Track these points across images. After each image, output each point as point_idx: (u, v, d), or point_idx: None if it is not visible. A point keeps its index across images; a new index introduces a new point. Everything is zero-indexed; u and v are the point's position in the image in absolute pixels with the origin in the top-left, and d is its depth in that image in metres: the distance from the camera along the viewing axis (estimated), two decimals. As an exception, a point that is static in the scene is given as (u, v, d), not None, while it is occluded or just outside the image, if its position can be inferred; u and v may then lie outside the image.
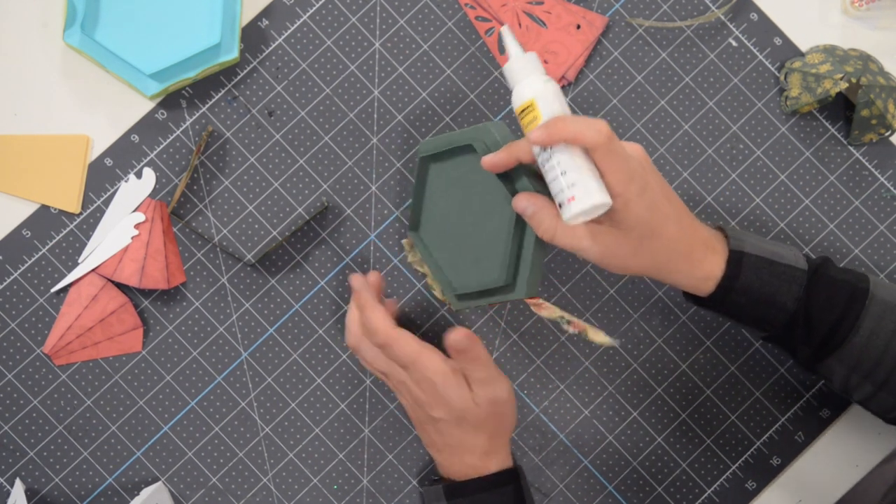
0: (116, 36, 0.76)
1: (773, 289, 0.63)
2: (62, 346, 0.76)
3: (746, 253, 0.64)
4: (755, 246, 0.64)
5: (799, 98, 0.77)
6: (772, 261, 0.64)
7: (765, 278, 0.63)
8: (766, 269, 0.63)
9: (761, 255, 0.64)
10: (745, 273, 0.63)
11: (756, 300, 0.64)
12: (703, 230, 0.64)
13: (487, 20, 0.79)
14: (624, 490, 0.78)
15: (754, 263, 0.63)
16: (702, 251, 0.63)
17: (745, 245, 0.64)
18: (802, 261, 0.65)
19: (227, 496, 0.77)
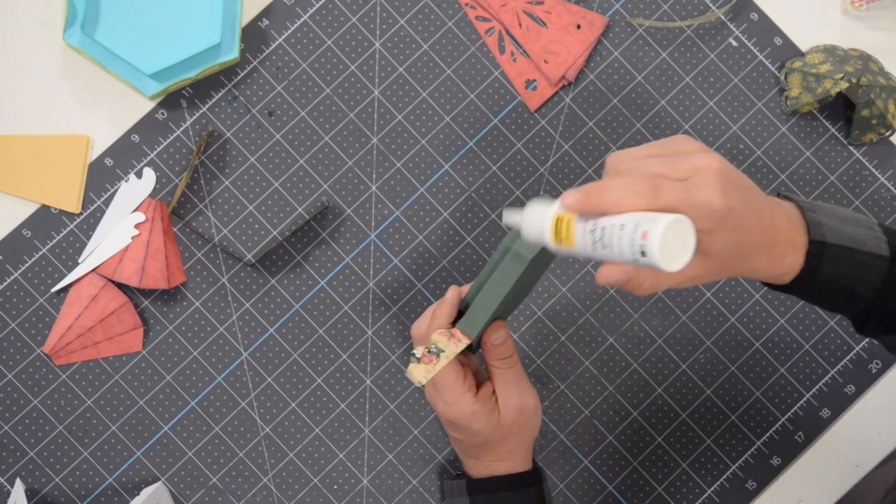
0: (116, 36, 0.76)
1: (851, 280, 0.59)
2: (62, 346, 0.76)
3: (828, 244, 0.58)
4: (836, 231, 0.58)
5: (799, 98, 0.77)
6: (853, 249, 0.58)
7: (845, 269, 0.58)
8: (846, 260, 0.58)
9: (843, 243, 0.58)
10: (825, 267, 0.58)
11: (834, 290, 0.60)
12: (782, 220, 0.57)
13: (487, 20, 0.79)
14: (624, 490, 0.78)
15: (835, 255, 0.58)
16: (783, 246, 0.57)
17: (825, 232, 0.58)
18: (884, 245, 0.59)
19: (227, 496, 0.77)
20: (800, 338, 0.79)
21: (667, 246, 0.49)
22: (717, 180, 0.52)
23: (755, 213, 0.54)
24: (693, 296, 0.79)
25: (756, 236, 0.55)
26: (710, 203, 0.51)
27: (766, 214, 0.56)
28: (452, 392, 0.63)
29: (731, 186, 0.52)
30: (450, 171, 0.79)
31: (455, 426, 0.65)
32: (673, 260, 0.50)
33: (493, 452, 0.67)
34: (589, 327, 0.78)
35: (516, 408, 0.65)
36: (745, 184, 0.54)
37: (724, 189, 0.51)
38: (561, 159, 0.79)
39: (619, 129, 0.79)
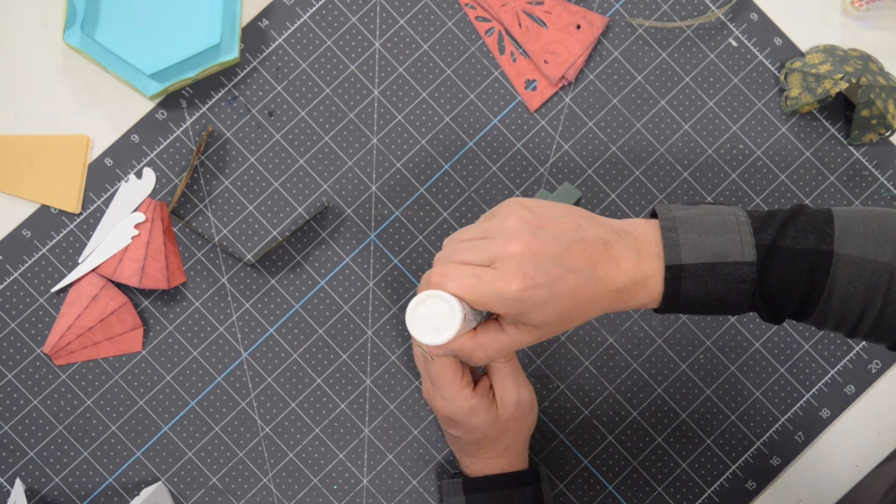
0: (116, 36, 0.76)
1: (720, 293, 0.57)
2: (62, 346, 0.76)
3: (684, 265, 0.56)
4: (695, 247, 0.57)
5: (799, 98, 0.77)
6: (714, 264, 0.56)
7: (710, 286, 0.57)
8: (708, 276, 0.56)
9: (702, 260, 0.56)
10: (686, 288, 0.57)
11: (707, 305, 0.58)
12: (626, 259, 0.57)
13: (487, 20, 0.79)
14: (624, 490, 0.78)
15: (695, 273, 0.56)
16: (631, 285, 0.57)
17: (681, 252, 0.57)
18: (750, 249, 0.57)
19: (227, 496, 0.77)
20: (799, 338, 0.79)
21: (420, 322, 0.55)
22: (512, 266, 0.54)
23: (576, 276, 0.55)
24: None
25: (584, 294, 0.56)
26: (502, 291, 0.54)
27: (596, 268, 0.56)
28: (451, 387, 0.64)
29: (533, 266, 0.54)
30: (450, 171, 0.79)
31: (453, 422, 0.65)
32: (427, 335, 0.55)
33: (490, 449, 0.67)
34: (589, 327, 0.78)
35: (513, 402, 0.66)
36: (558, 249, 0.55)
37: (524, 273, 0.54)
38: (561, 159, 0.79)
39: (619, 129, 0.79)
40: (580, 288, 0.55)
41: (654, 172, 0.79)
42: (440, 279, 0.55)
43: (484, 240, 0.56)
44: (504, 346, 0.58)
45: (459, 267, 0.55)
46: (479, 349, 0.58)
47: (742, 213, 0.58)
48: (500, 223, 0.56)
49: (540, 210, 0.57)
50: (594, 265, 0.56)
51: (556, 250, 0.55)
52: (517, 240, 0.54)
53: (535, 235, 0.55)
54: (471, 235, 0.57)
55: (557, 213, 0.57)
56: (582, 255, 0.55)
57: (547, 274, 0.54)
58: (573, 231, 0.56)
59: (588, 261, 0.56)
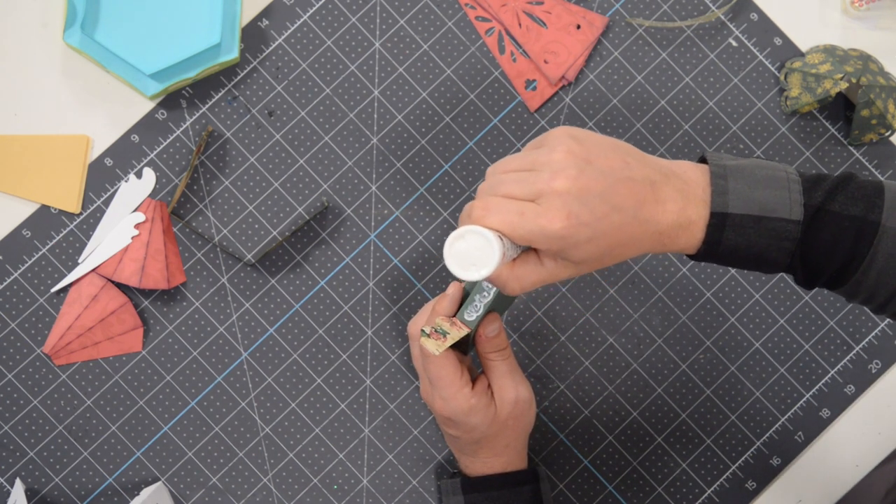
0: (116, 36, 0.76)
1: (761, 248, 0.56)
2: (62, 346, 0.76)
3: (730, 214, 0.55)
4: (741, 197, 0.55)
5: (799, 98, 0.77)
6: (759, 217, 0.55)
7: (752, 239, 0.55)
8: (752, 229, 0.55)
9: (748, 211, 0.55)
10: (728, 238, 0.55)
11: (744, 259, 0.57)
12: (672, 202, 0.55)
13: (487, 20, 0.79)
14: (624, 490, 0.78)
15: (739, 224, 0.55)
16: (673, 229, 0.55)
17: (728, 200, 0.55)
18: (798, 208, 0.56)
19: (227, 496, 0.77)
20: (800, 338, 0.79)
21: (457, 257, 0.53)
22: (557, 203, 0.52)
23: (620, 214, 0.54)
24: (693, 296, 0.79)
25: (627, 233, 0.54)
26: (546, 228, 0.52)
27: (642, 208, 0.54)
28: (450, 387, 0.64)
29: (578, 203, 0.52)
30: (450, 171, 0.79)
31: (452, 422, 0.65)
32: (465, 270, 0.53)
33: (490, 448, 0.67)
34: (589, 327, 0.78)
35: (512, 400, 0.66)
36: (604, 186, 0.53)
37: (568, 210, 0.52)
38: (561, 159, 0.79)
39: (619, 129, 0.79)
40: (624, 227, 0.54)
41: (654, 172, 0.79)
42: (482, 213, 0.53)
43: (529, 172, 0.54)
44: (541, 280, 0.56)
45: (502, 201, 0.53)
46: (515, 280, 0.56)
47: (793, 172, 0.57)
48: (547, 155, 0.54)
49: (588, 142, 0.54)
50: (640, 205, 0.54)
51: (602, 187, 0.53)
52: (563, 175, 0.52)
53: (582, 171, 0.53)
54: (515, 166, 0.55)
55: (606, 147, 0.55)
56: (628, 193, 0.54)
57: (592, 212, 0.52)
58: (621, 168, 0.54)
59: (634, 200, 0.54)
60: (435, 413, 0.67)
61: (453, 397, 0.64)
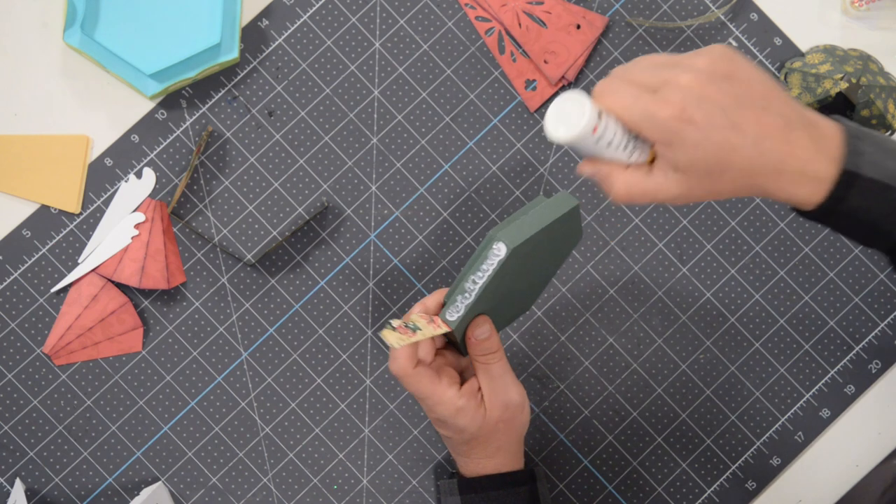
0: (116, 36, 0.76)
1: (878, 216, 0.55)
2: (62, 346, 0.76)
3: (861, 176, 0.54)
4: (875, 163, 0.55)
5: (799, 98, 0.77)
6: (887, 185, 0.55)
7: (873, 205, 0.55)
8: (879, 195, 0.55)
9: (877, 177, 0.55)
10: (852, 197, 0.55)
11: (859, 224, 0.56)
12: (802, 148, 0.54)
13: (487, 20, 0.79)
14: (624, 490, 0.78)
15: (866, 188, 0.55)
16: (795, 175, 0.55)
17: (861, 162, 0.55)
18: None
19: (227, 496, 0.77)
20: (800, 338, 0.79)
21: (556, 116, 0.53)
22: (674, 96, 0.52)
23: (738, 135, 0.53)
24: (693, 296, 0.79)
25: (742, 156, 0.53)
26: (654, 114, 0.52)
27: (766, 139, 0.54)
28: (433, 395, 0.63)
29: (696, 103, 0.52)
30: (450, 171, 0.79)
31: (442, 423, 0.65)
32: (554, 127, 0.53)
33: (482, 449, 0.67)
34: (589, 327, 0.78)
35: (502, 404, 0.65)
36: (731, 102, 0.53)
37: (683, 105, 0.52)
38: (561, 159, 0.79)
39: (619, 129, 0.79)
40: (739, 149, 0.53)
41: (654, 172, 0.79)
42: (601, 91, 0.54)
43: (663, 66, 0.54)
44: (646, 189, 0.55)
45: (623, 85, 0.54)
46: (623, 183, 0.56)
47: None
48: (692, 58, 0.54)
49: (739, 64, 0.54)
50: (764, 136, 0.53)
51: (728, 102, 0.53)
52: (692, 75, 0.52)
53: (714, 81, 0.53)
54: (657, 61, 0.55)
55: (755, 76, 0.54)
56: (755, 120, 0.53)
57: (707, 117, 0.52)
58: (759, 98, 0.54)
59: (759, 128, 0.53)
60: (427, 414, 0.67)
61: (439, 402, 0.64)
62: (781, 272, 0.79)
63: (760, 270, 0.79)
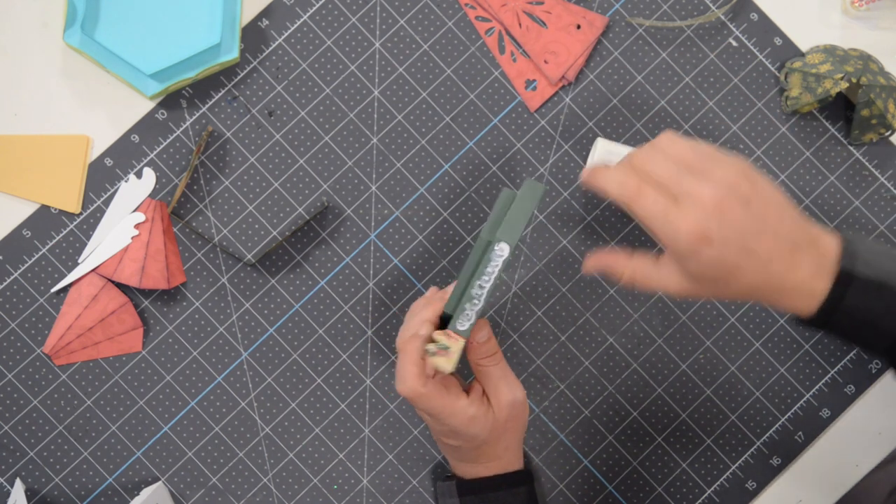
0: (116, 36, 0.76)
1: (877, 314, 0.58)
2: (62, 346, 0.76)
3: (856, 276, 0.58)
4: (869, 264, 0.58)
5: (799, 98, 0.77)
6: (882, 284, 0.58)
7: (871, 304, 0.58)
8: (874, 294, 0.58)
9: (873, 276, 0.58)
10: (849, 298, 0.58)
11: (859, 324, 0.59)
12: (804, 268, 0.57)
13: (487, 20, 0.79)
14: (624, 490, 0.78)
15: (862, 288, 0.57)
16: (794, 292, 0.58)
17: (856, 264, 0.58)
18: None
19: (227, 496, 0.77)
20: (800, 338, 0.79)
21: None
22: (697, 213, 0.55)
23: (750, 259, 0.56)
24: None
25: (751, 277, 0.57)
26: (675, 227, 0.55)
27: (774, 263, 0.57)
28: (445, 409, 0.63)
29: (716, 224, 0.55)
30: (450, 171, 0.79)
31: (454, 434, 0.65)
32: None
33: (491, 453, 0.67)
34: (589, 327, 0.78)
35: (509, 403, 0.65)
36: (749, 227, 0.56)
37: (705, 224, 0.54)
38: (561, 159, 0.79)
39: (619, 129, 0.79)
40: (750, 272, 0.56)
41: (654, 172, 0.79)
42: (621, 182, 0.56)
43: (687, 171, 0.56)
44: (650, 282, 0.59)
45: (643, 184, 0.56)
46: (629, 267, 0.59)
47: None
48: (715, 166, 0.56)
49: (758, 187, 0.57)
50: (773, 259, 0.56)
51: (746, 227, 0.55)
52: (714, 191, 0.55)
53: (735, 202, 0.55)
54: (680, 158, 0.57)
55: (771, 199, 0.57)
56: (767, 245, 0.56)
57: (724, 239, 0.55)
58: (773, 221, 0.56)
59: (769, 253, 0.56)
60: (434, 429, 0.66)
61: (451, 414, 0.63)
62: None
63: (760, 270, 0.79)
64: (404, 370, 0.62)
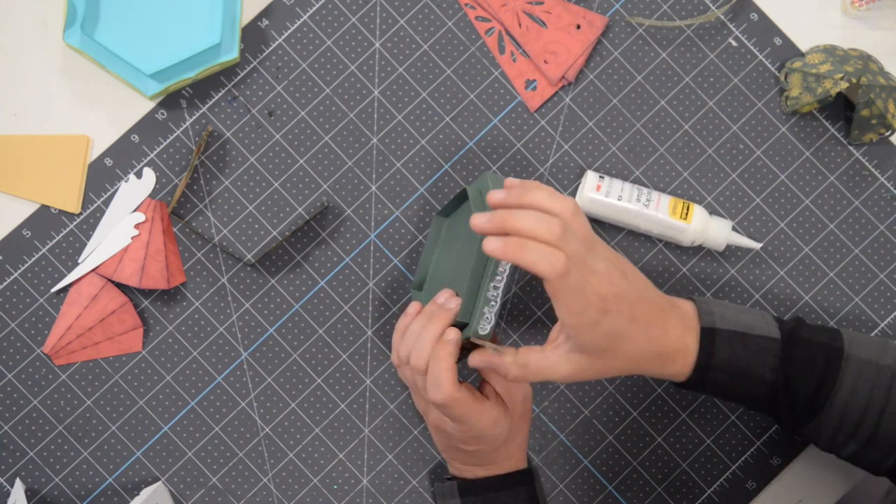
0: (116, 36, 0.76)
1: (748, 362, 0.63)
2: (62, 346, 0.76)
3: (718, 329, 0.63)
4: (726, 319, 0.64)
5: (799, 98, 0.77)
6: (744, 333, 0.63)
7: (739, 352, 0.63)
8: (739, 343, 0.63)
9: (734, 328, 0.63)
10: (718, 349, 0.62)
11: (734, 374, 0.63)
12: (675, 327, 0.62)
13: (487, 20, 0.79)
14: (624, 490, 0.78)
15: (727, 339, 0.63)
16: (673, 352, 0.62)
17: (715, 320, 0.63)
18: (775, 328, 0.65)
19: (227, 496, 0.77)
20: (800, 338, 0.79)
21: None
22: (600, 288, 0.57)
23: (635, 327, 0.59)
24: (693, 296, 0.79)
25: (635, 345, 0.60)
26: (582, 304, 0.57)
27: (651, 328, 0.60)
28: (473, 414, 0.63)
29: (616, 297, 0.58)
30: (450, 171, 0.79)
31: (477, 439, 0.65)
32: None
33: (505, 452, 0.67)
34: (589, 327, 0.78)
35: (522, 398, 0.67)
36: (634, 298, 0.59)
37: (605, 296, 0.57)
38: (561, 159, 0.79)
39: (619, 129, 0.79)
40: (634, 339, 0.60)
41: (654, 172, 0.79)
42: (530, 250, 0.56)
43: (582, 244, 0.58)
44: (541, 369, 0.60)
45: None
46: (515, 363, 0.61)
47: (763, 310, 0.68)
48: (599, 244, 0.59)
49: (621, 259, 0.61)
50: (650, 324, 0.60)
51: (629, 295, 0.59)
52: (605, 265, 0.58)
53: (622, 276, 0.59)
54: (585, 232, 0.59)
55: (634, 271, 0.61)
56: (645, 311, 0.60)
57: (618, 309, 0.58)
58: (643, 288, 0.61)
59: (647, 318, 0.60)
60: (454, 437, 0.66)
61: (479, 418, 0.63)
62: (781, 272, 0.79)
63: (760, 270, 0.79)
64: (441, 377, 0.62)
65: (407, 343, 0.65)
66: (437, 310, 0.64)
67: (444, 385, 0.61)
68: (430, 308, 0.65)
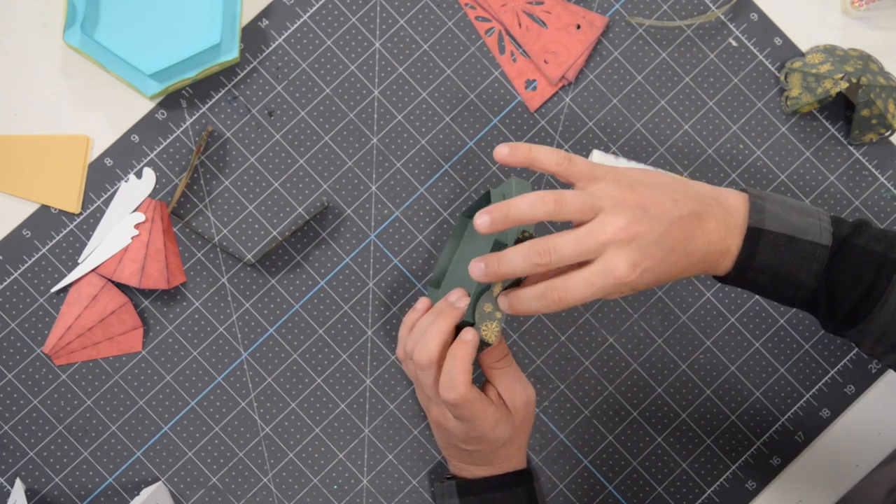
0: (116, 36, 0.76)
1: (791, 267, 0.60)
2: (62, 346, 0.76)
3: (765, 230, 0.60)
4: (776, 218, 0.60)
5: (799, 98, 0.77)
6: (792, 237, 0.60)
7: (784, 257, 0.60)
8: (785, 247, 0.60)
9: (781, 230, 0.60)
10: (761, 251, 0.60)
11: (775, 277, 0.61)
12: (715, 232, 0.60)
13: (487, 20, 0.79)
14: (624, 490, 0.78)
15: (772, 241, 0.60)
16: (714, 255, 0.60)
17: (764, 219, 0.60)
18: (828, 234, 0.61)
19: (227, 496, 0.77)
20: (800, 338, 0.79)
21: None
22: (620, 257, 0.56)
23: (674, 253, 0.58)
24: (693, 296, 0.79)
25: (679, 267, 0.59)
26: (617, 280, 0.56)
27: (690, 242, 0.59)
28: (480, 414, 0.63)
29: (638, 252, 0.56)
30: (450, 171, 0.79)
31: (478, 439, 0.65)
32: None
33: (504, 454, 0.67)
34: (589, 327, 0.78)
35: (524, 403, 0.66)
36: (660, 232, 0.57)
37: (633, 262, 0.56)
38: (561, 159, 0.79)
39: (619, 129, 0.79)
40: (677, 263, 0.58)
41: (654, 172, 0.79)
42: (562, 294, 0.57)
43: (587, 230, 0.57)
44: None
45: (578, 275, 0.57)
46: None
47: (823, 209, 0.63)
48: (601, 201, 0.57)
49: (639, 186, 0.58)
50: (688, 240, 0.58)
51: (657, 234, 0.57)
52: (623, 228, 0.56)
53: (639, 220, 0.57)
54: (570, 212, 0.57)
55: (656, 187, 0.59)
56: (679, 233, 0.58)
57: (651, 258, 0.57)
58: (671, 208, 0.58)
59: (684, 237, 0.58)
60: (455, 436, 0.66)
61: (484, 419, 0.63)
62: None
63: (760, 270, 0.79)
64: (457, 376, 0.61)
65: (413, 338, 0.65)
66: (446, 308, 0.64)
67: (458, 385, 0.61)
68: (440, 305, 0.65)
